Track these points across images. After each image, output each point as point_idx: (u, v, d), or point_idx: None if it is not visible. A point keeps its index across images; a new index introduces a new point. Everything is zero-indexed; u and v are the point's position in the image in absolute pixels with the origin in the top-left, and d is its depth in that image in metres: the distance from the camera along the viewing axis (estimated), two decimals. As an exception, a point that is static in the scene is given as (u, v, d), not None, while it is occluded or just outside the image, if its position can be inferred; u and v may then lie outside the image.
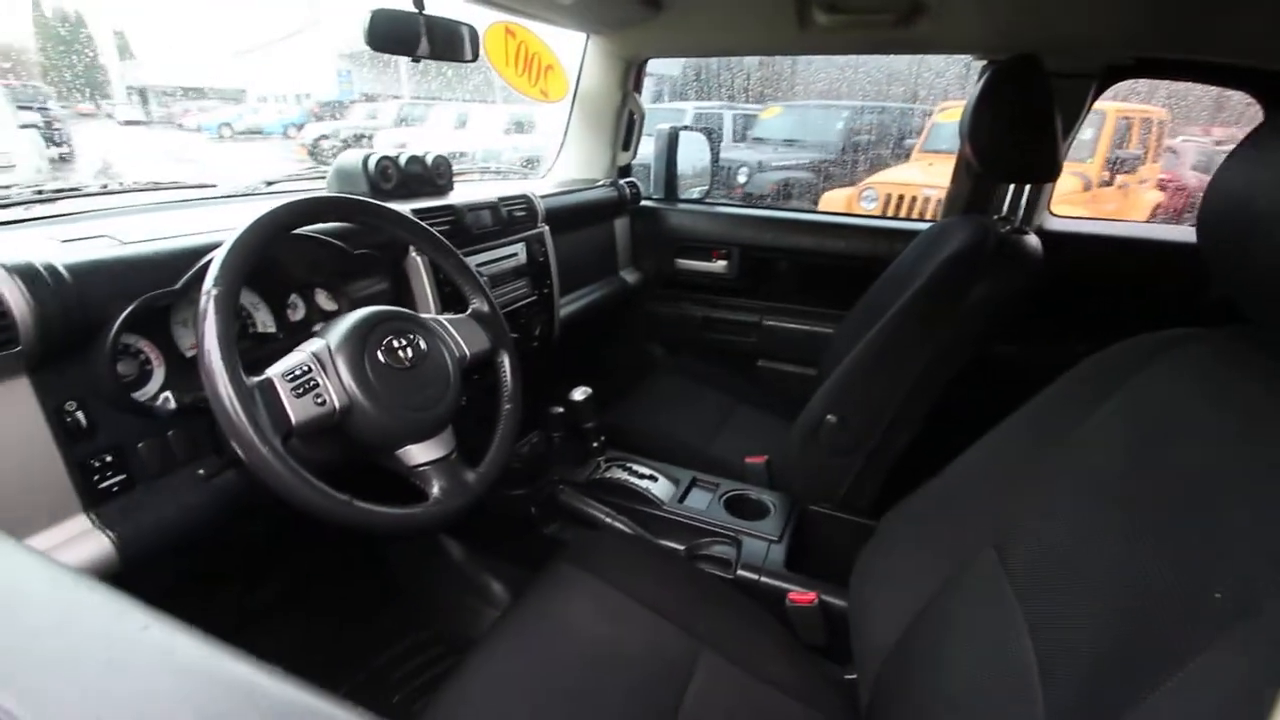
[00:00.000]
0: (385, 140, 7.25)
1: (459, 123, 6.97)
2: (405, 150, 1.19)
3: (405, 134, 7.45)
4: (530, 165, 1.98)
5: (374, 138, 7.34)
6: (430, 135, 7.15)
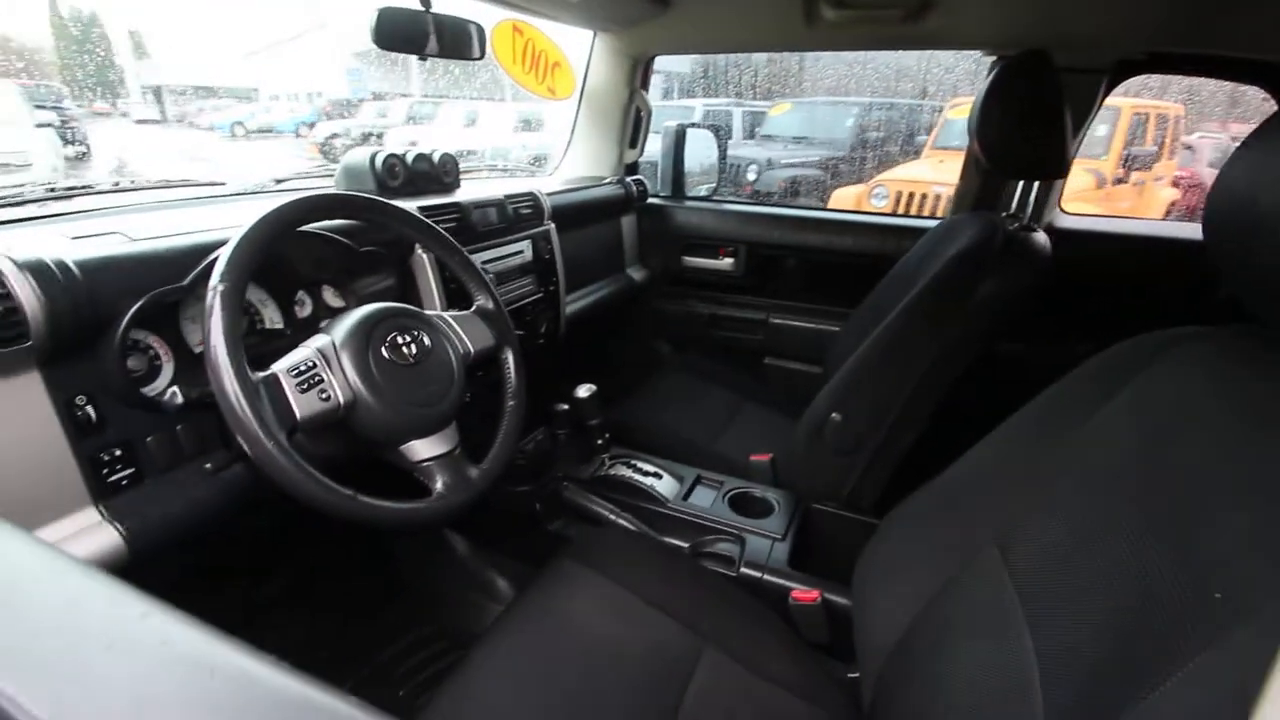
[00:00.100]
0: (396, 138, 7.29)
1: (468, 121, 6.99)
2: (413, 148, 1.20)
3: (415, 132, 7.47)
4: (538, 163, 1.98)
5: (385, 136, 7.37)
6: (440, 133, 7.18)
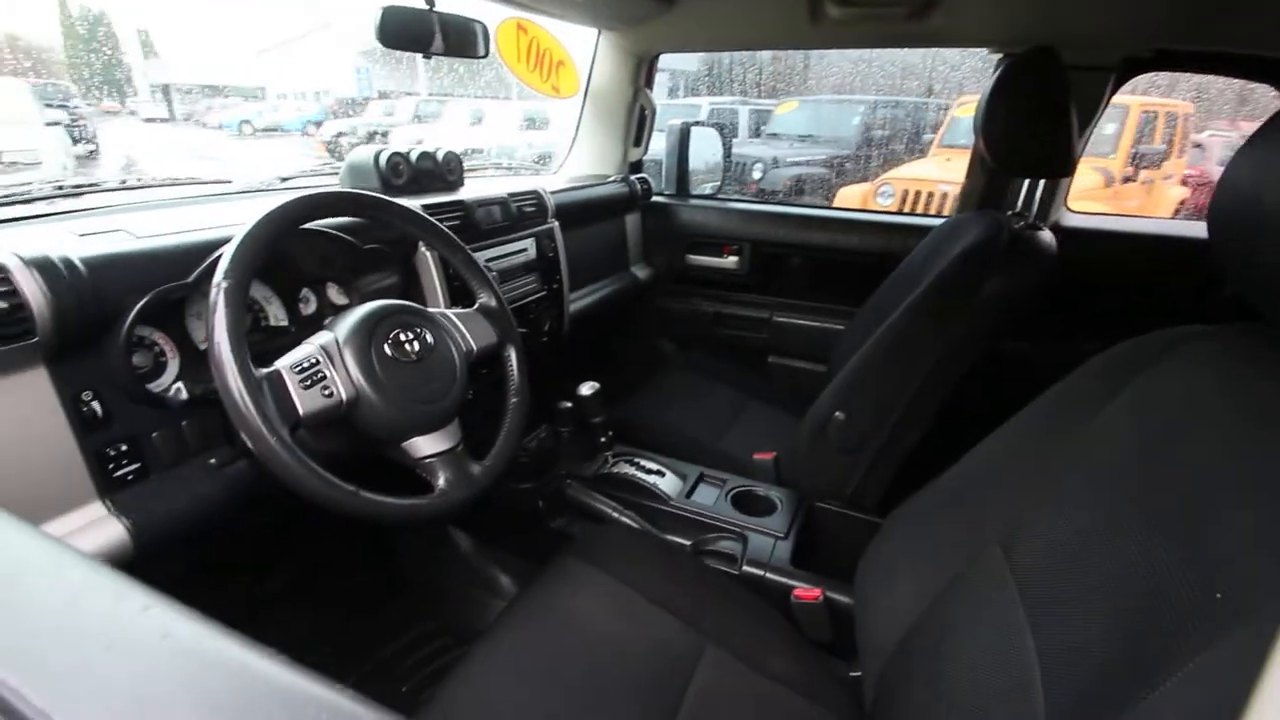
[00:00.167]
0: (402, 137, 7.31)
1: (474, 119, 7.01)
2: (419, 146, 1.20)
3: (421, 130, 7.50)
4: (543, 161, 1.98)
5: (391, 134, 7.40)
6: (446, 132, 7.20)
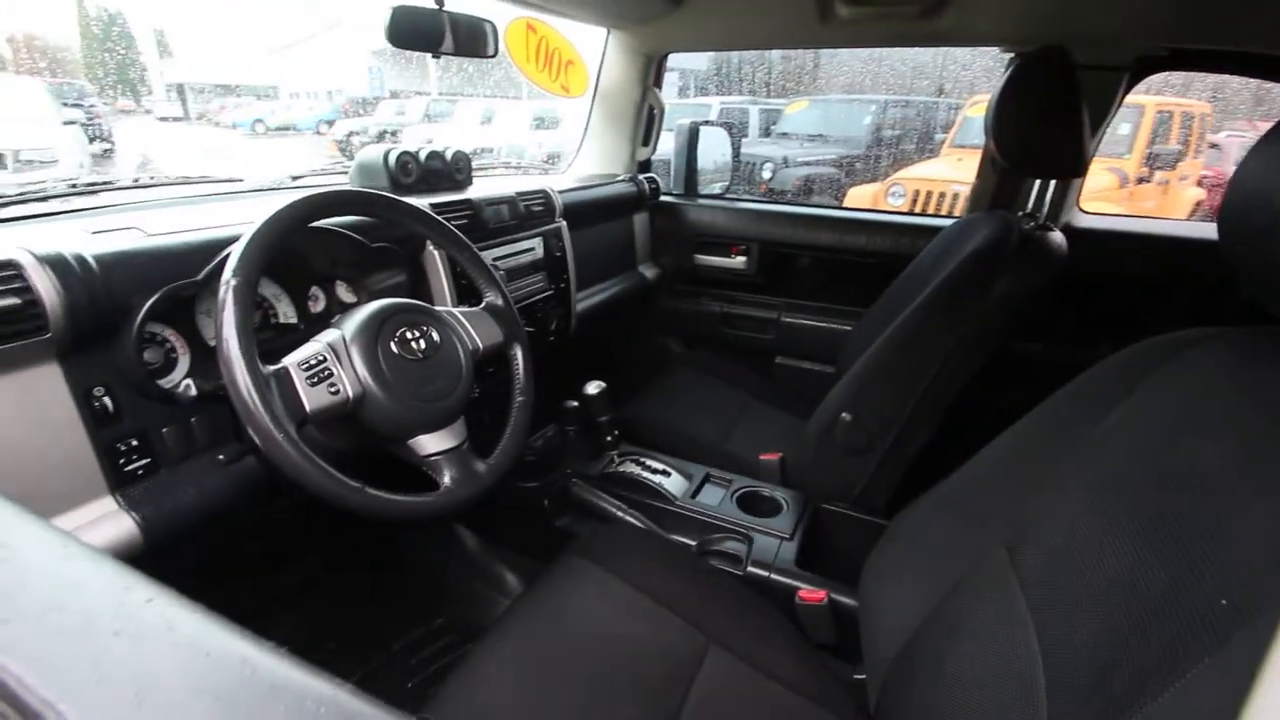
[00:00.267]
0: (413, 136, 7.35)
1: (484, 119, 7.03)
2: (429, 145, 1.21)
3: (432, 130, 7.54)
4: (552, 160, 1.99)
5: (402, 133, 7.45)
6: (457, 131, 7.23)
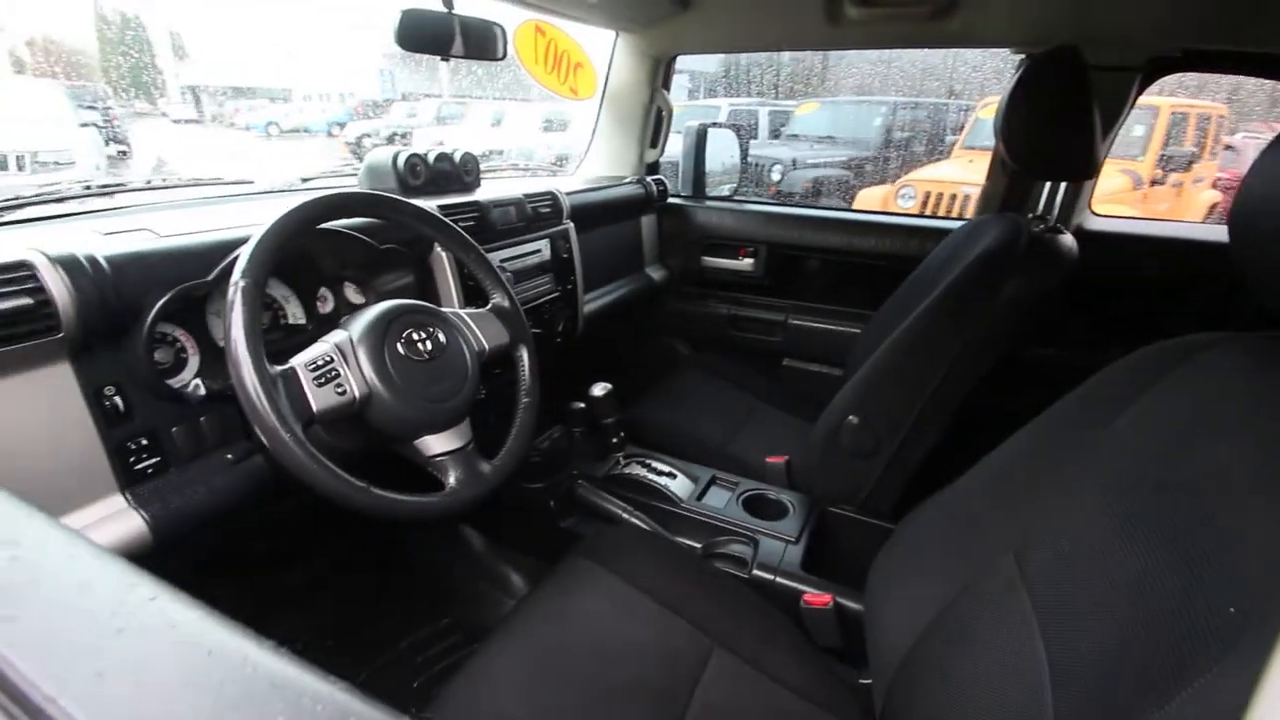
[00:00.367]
0: (424, 138, 7.39)
1: (494, 121, 7.06)
2: (439, 148, 1.22)
3: (443, 132, 7.58)
4: (561, 162, 2.00)
5: (413, 136, 7.49)
6: (467, 133, 7.26)
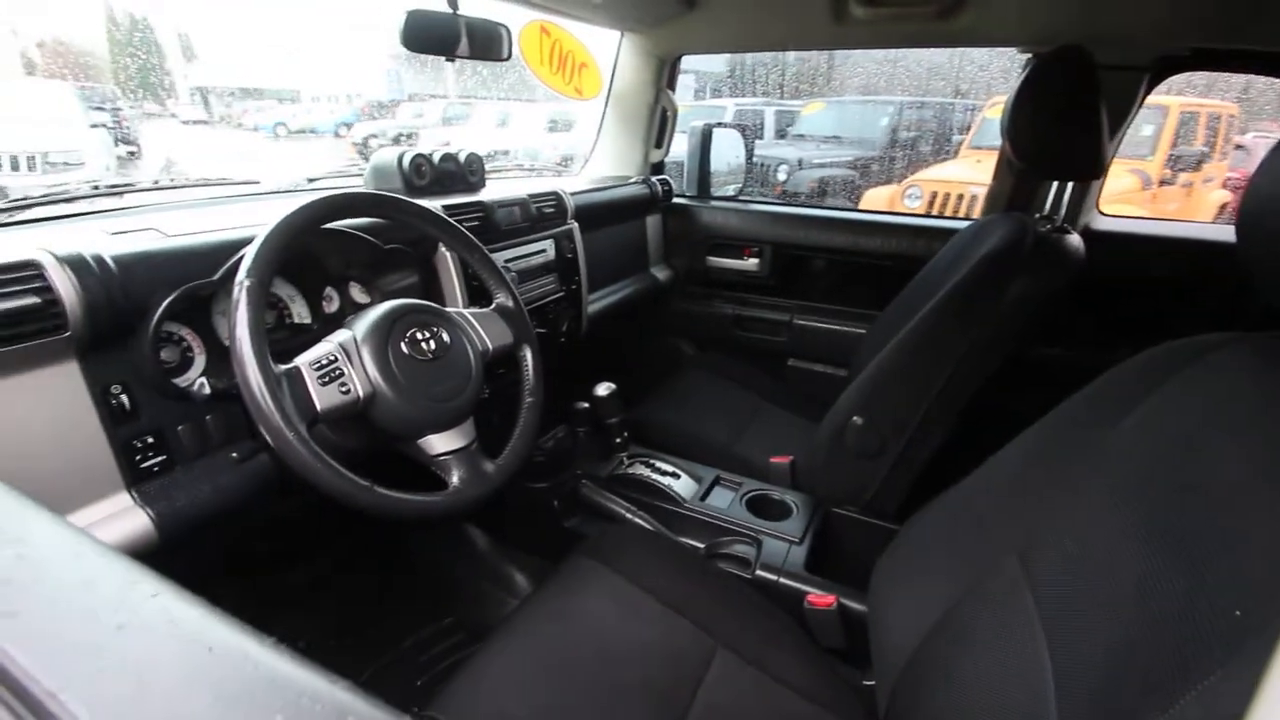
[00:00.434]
0: (430, 139, 7.42)
1: (501, 121, 7.08)
2: (445, 148, 1.22)
3: (449, 133, 7.60)
4: (566, 163, 2.00)
5: (419, 136, 7.51)
6: (473, 133, 7.29)
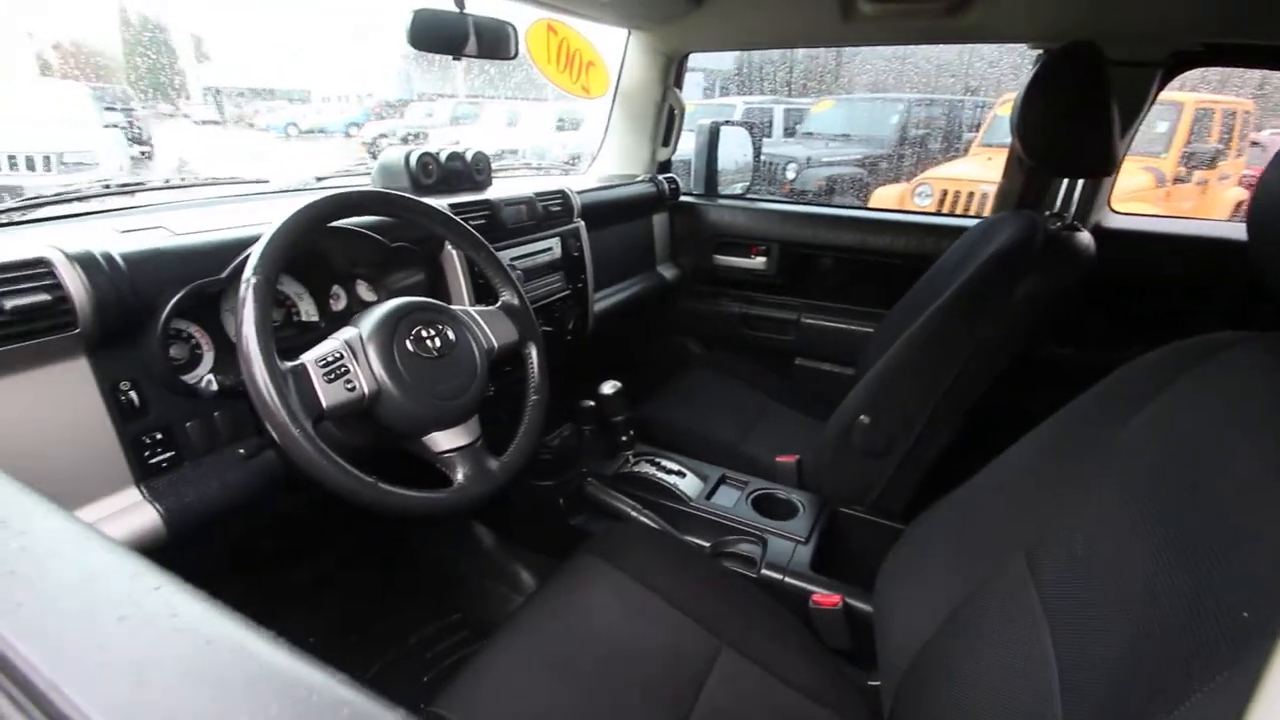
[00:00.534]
0: (440, 138, 7.44)
1: (510, 121, 7.10)
2: (449, 147, 1.22)
3: (458, 132, 7.63)
4: (574, 161, 2.00)
5: (429, 136, 7.54)
6: (482, 133, 7.31)
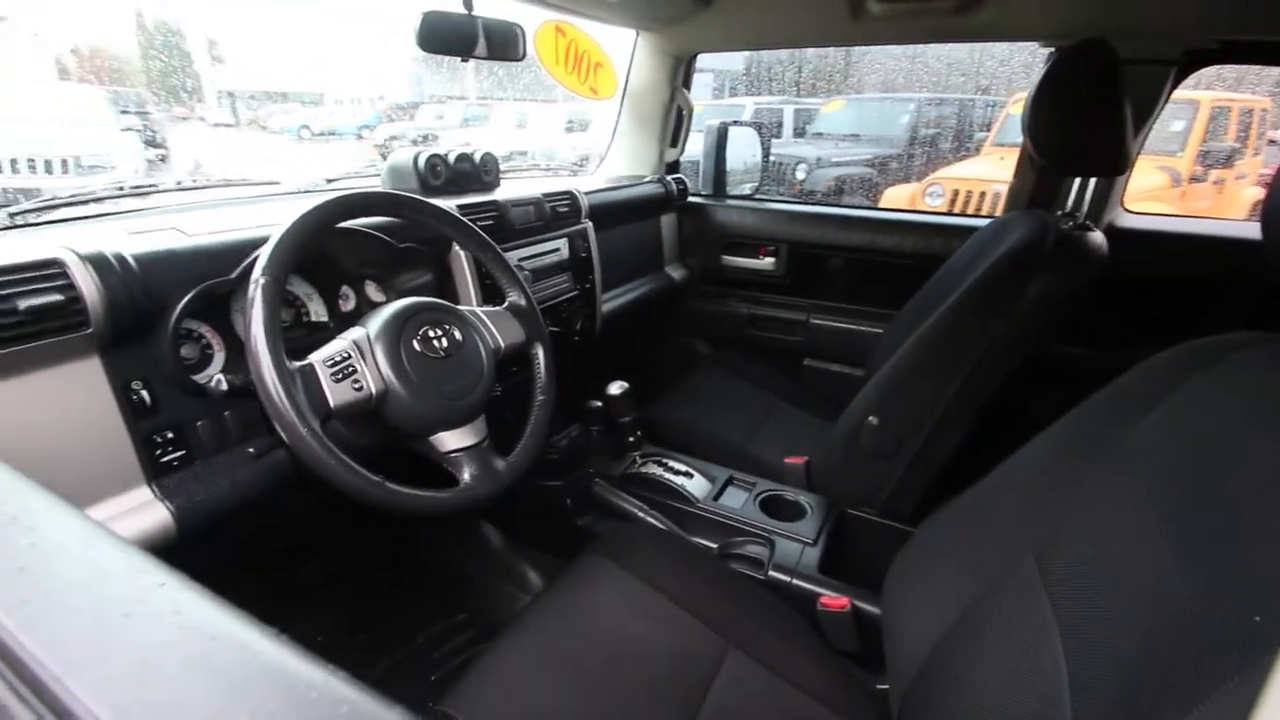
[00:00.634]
0: (450, 140, 7.48)
1: (519, 123, 7.13)
2: (458, 148, 1.23)
3: (469, 134, 7.66)
4: (583, 162, 2.00)
5: (439, 138, 7.58)
6: (492, 135, 7.33)
